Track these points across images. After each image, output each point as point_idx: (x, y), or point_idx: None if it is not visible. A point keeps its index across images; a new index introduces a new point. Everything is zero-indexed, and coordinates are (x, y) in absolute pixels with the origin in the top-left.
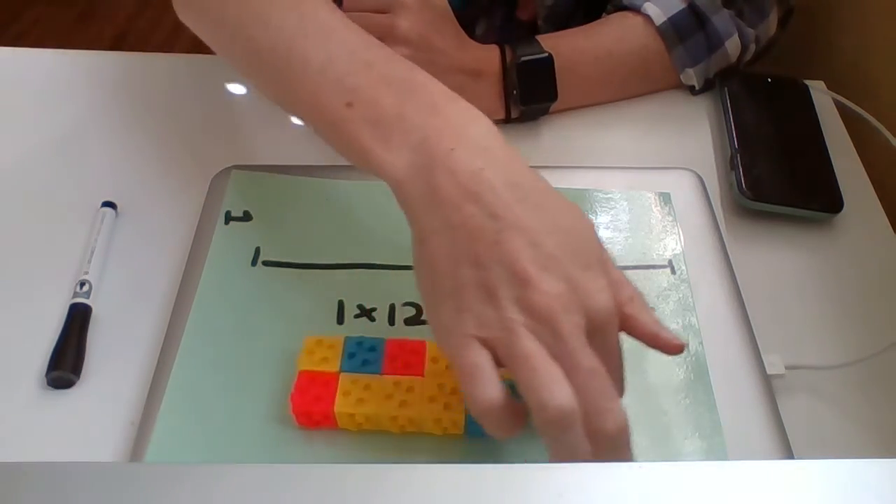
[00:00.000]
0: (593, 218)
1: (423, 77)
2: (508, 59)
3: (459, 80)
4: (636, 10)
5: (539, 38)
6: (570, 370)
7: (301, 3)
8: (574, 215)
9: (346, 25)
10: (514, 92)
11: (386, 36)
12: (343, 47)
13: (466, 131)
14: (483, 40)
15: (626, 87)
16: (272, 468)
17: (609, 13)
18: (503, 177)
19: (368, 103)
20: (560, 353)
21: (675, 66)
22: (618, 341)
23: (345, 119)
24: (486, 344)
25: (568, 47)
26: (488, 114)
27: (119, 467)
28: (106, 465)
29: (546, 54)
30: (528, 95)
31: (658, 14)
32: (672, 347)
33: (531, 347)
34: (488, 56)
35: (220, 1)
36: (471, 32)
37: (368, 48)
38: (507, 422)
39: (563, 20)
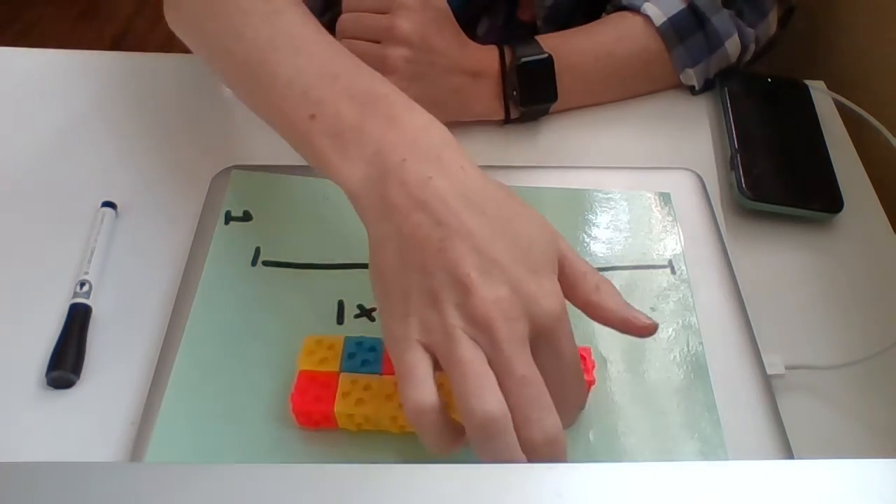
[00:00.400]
0: (593, 218)
1: (385, 88)
2: (508, 59)
3: (459, 81)
4: (636, 10)
5: (539, 38)
6: (503, 377)
7: (274, 16)
8: (526, 219)
9: (316, 38)
10: (514, 93)
11: (386, 36)
12: (311, 60)
13: (420, 142)
14: (485, 40)
15: (626, 87)
16: (272, 468)
17: (609, 13)
18: (453, 185)
19: (330, 116)
20: (495, 360)
21: (675, 66)
22: (569, 345)
23: (308, 131)
24: (428, 349)
25: (568, 48)
26: (488, 114)
27: (119, 467)
28: (106, 465)
29: (546, 55)
30: (528, 96)
31: (658, 14)
32: (643, 329)
33: (467, 354)
34: (488, 57)
35: (202, 15)
36: (472, 32)
37: (335, 60)
38: (440, 431)
39: (563, 20)
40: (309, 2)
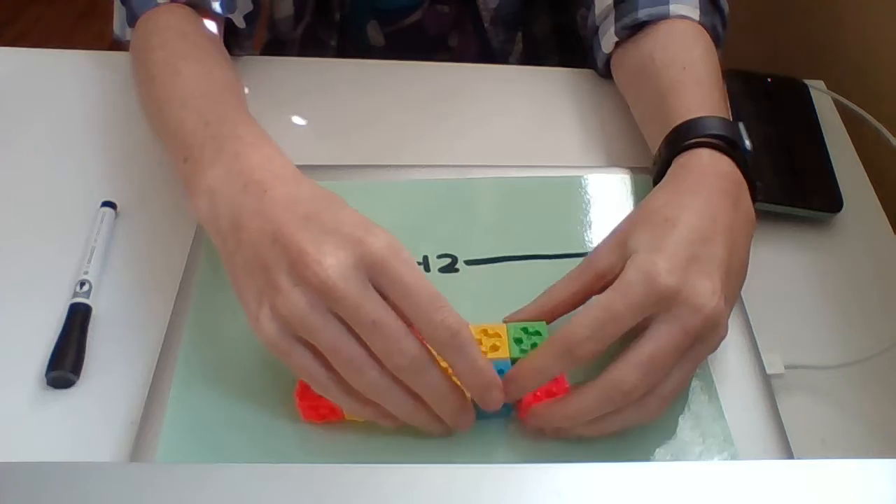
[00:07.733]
0: (587, 205)
1: (241, 128)
2: None
3: None
4: (668, 16)
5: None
6: (356, 327)
7: (173, 79)
8: (351, 211)
9: (203, 92)
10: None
11: None
12: (193, 112)
13: (263, 170)
14: (460, 50)
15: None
16: (273, 468)
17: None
18: (287, 194)
19: (195, 160)
20: (344, 316)
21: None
22: (410, 273)
23: (181, 171)
24: (300, 340)
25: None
26: None
27: (119, 467)
28: (106, 465)
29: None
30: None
31: (692, 10)
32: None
33: (326, 339)
34: None
35: (136, 77)
36: (444, 46)
37: (210, 109)
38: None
39: (512, 21)
40: (283, 22)
